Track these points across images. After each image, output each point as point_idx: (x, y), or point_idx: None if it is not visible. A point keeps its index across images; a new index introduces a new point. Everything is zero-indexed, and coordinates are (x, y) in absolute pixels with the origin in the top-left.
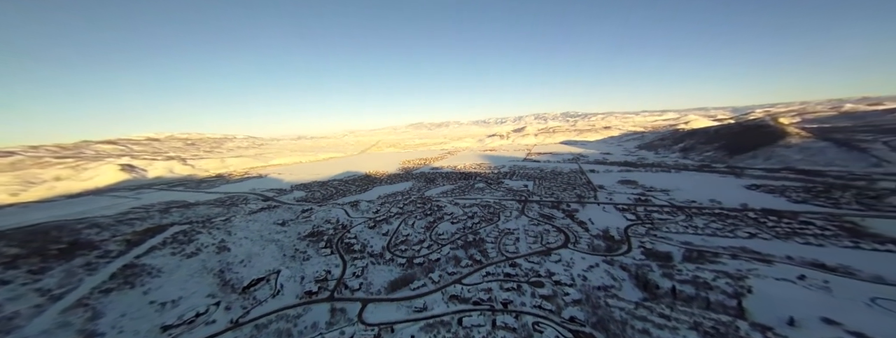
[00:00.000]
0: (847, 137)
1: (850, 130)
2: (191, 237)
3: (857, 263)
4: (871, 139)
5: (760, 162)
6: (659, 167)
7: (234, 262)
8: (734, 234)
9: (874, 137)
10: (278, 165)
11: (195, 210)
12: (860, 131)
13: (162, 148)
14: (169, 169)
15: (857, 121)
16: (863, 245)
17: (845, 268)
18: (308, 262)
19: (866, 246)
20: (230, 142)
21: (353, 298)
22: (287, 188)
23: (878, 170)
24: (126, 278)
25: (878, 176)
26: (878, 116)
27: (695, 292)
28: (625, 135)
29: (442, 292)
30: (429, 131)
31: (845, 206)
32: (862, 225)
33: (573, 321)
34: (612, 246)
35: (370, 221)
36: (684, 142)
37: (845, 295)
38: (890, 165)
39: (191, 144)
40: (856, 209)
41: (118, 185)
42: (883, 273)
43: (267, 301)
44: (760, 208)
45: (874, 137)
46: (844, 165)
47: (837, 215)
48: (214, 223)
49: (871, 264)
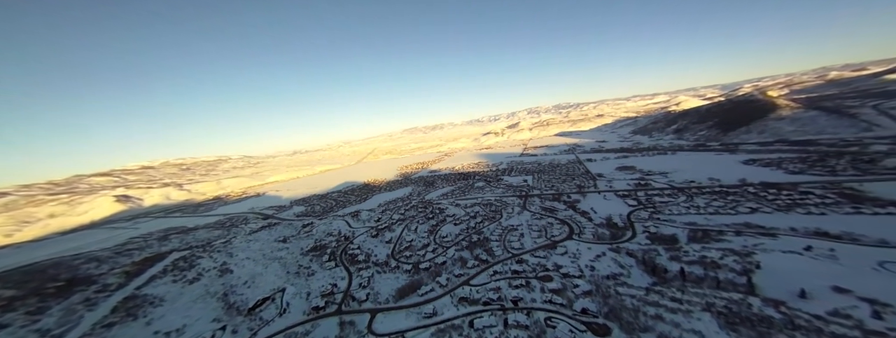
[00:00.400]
0: (835, 104)
1: (838, 97)
2: (191, 263)
3: (861, 228)
4: (859, 104)
5: (754, 136)
6: (655, 150)
7: (238, 283)
8: (736, 210)
9: (861, 102)
10: (275, 182)
11: (194, 235)
12: (847, 98)
13: (157, 175)
14: (165, 196)
15: (844, 87)
16: (864, 210)
17: (849, 235)
18: (313, 277)
19: (867, 211)
20: (225, 163)
21: (361, 309)
22: (286, 204)
23: (869, 134)
24: (128, 310)
25: (870, 140)
26: (863, 81)
27: (703, 272)
28: (618, 121)
29: (451, 296)
30: (424, 135)
31: (842, 172)
32: (860, 190)
33: (585, 313)
34: (617, 233)
35: (372, 230)
36: (677, 123)
37: (852, 262)
38: (880, 129)
39: (186, 168)
40: (852, 175)
41: (114, 216)
42: (887, 236)
43: (274, 321)
44: (759, 183)
45: (861, 103)
46: (836, 133)
47: (835, 183)
48: (215, 246)
49: (875, 229)
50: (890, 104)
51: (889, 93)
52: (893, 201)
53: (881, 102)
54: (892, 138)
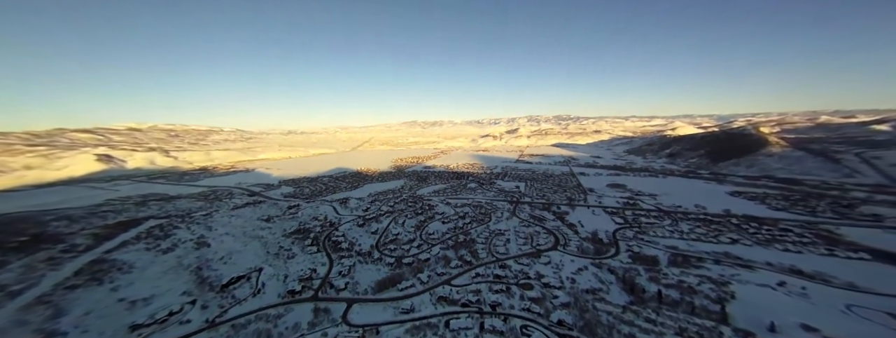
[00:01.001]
0: (822, 147)
1: (825, 141)
2: (168, 232)
3: (833, 270)
4: (844, 150)
5: (743, 169)
6: (647, 172)
7: (214, 259)
8: (718, 239)
9: (847, 148)
10: (266, 160)
11: (175, 204)
12: (834, 143)
13: (143, 139)
14: (150, 160)
15: (832, 133)
16: (837, 253)
17: (821, 275)
18: (292, 260)
19: (841, 254)
20: (216, 134)
21: (338, 298)
22: (274, 183)
23: (850, 180)
24: (93, 274)
25: (851, 186)
26: (851, 129)
27: (680, 296)
28: (614, 139)
29: (430, 293)
30: (422, 130)
31: (821, 214)
32: (836, 233)
33: (561, 325)
34: (601, 249)
35: (359, 219)
36: (671, 148)
37: (822, 302)
38: (861, 176)
39: (174, 135)
40: (831, 218)
41: (94, 175)
42: (856, 281)
43: (246, 300)
44: (742, 215)
45: (847, 149)
46: (820, 175)
47: (814, 223)
48: (194, 218)
49: (846, 272)
50: (873, 153)
51: (873, 142)
52: (866, 247)
53: (865, 150)
54: (872, 186)
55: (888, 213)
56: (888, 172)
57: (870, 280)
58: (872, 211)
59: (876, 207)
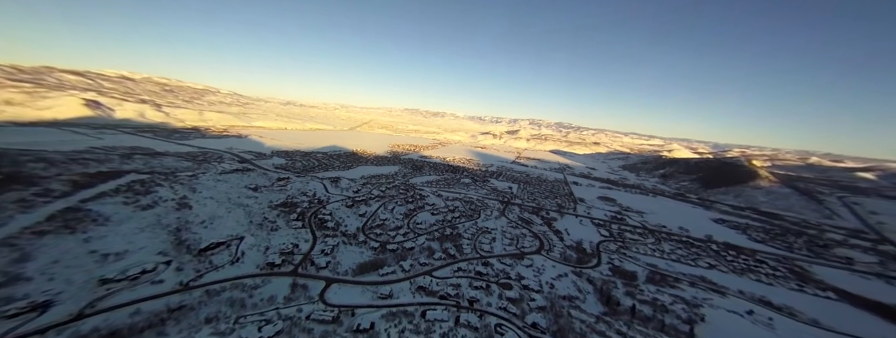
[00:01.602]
0: (809, 187)
1: (812, 182)
2: (149, 188)
3: (800, 305)
4: (828, 193)
5: (730, 198)
6: (638, 189)
7: (194, 221)
8: (696, 263)
9: (831, 191)
10: (261, 128)
11: (161, 160)
12: (820, 184)
13: (135, 89)
14: (140, 113)
15: (819, 174)
16: (806, 289)
17: (789, 308)
18: (276, 232)
19: (809, 290)
20: (212, 95)
21: (317, 275)
22: (267, 153)
23: (829, 221)
24: (66, 221)
25: (829, 227)
26: (837, 173)
27: (652, 313)
28: (611, 153)
29: (410, 282)
30: (423, 119)
31: (797, 250)
32: (808, 270)
33: (535, 328)
34: (583, 258)
35: (349, 200)
36: (665, 169)
37: (786, 334)
38: (840, 219)
39: (168, 90)
40: (805, 255)
41: (78, 120)
42: (820, 318)
43: (224, 267)
44: (723, 242)
45: (831, 192)
46: (801, 213)
47: (789, 259)
48: (179, 178)
49: (811, 308)
50: (854, 199)
51: (856, 188)
52: (833, 287)
53: (847, 195)
54: (848, 230)
55: (860, 257)
56: (866, 219)
57: (832, 319)
58: (845, 254)
59: (849, 250)
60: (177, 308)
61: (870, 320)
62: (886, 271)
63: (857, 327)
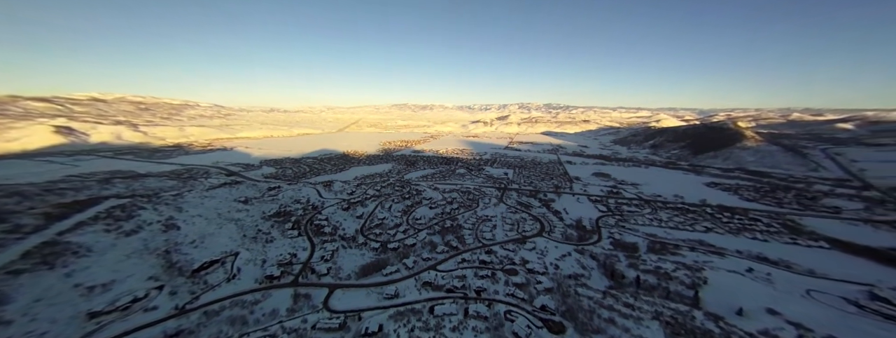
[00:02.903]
0: (793, 143)
1: (795, 137)
2: (131, 213)
3: (795, 257)
4: (812, 146)
5: (719, 162)
6: (630, 162)
7: (184, 242)
8: (693, 228)
9: (814, 144)
10: (246, 139)
11: (144, 182)
12: (803, 139)
13: (109, 111)
14: (116, 135)
15: (801, 129)
16: (799, 242)
17: (785, 262)
18: (271, 244)
19: (802, 243)
20: (192, 109)
21: (319, 283)
22: (255, 163)
23: (814, 174)
24: (44, 257)
25: (815, 179)
26: (818, 126)
27: (657, 281)
28: (602, 129)
29: (415, 279)
30: (412, 113)
31: (787, 205)
32: (800, 223)
33: (544, 310)
34: (584, 236)
35: (344, 203)
36: (654, 139)
37: (785, 287)
38: (825, 171)
39: (144, 108)
40: (795, 209)
41: (51, 149)
42: (815, 267)
43: (220, 286)
44: (717, 205)
45: (814, 145)
46: (788, 169)
47: (780, 214)
48: (162, 198)
49: (806, 259)
50: (836, 150)
51: (837, 139)
52: (825, 237)
53: (830, 146)
54: (834, 180)
55: (846, 205)
56: (849, 168)
57: (827, 267)
58: (833, 203)
59: (836, 199)
60: (175, 334)
61: (862, 265)
62: (872, 216)
63: (850, 272)
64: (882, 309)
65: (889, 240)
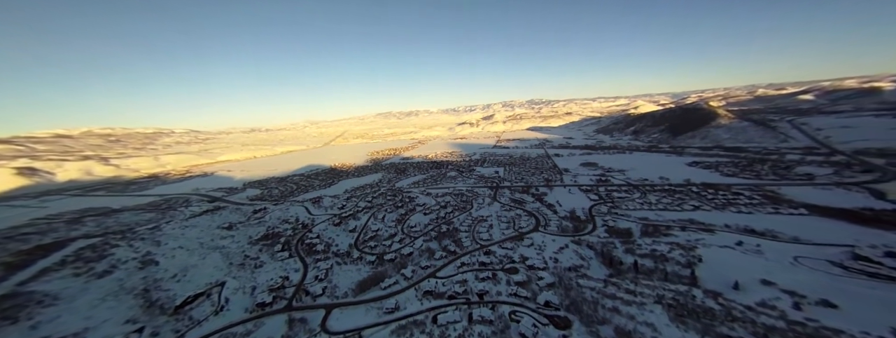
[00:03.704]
0: (761, 117)
1: (763, 112)
2: (102, 253)
3: (779, 226)
4: (779, 119)
5: (698, 141)
6: (615, 149)
7: (164, 277)
8: (682, 207)
9: (780, 117)
10: (228, 162)
11: (118, 218)
12: (770, 112)
13: (75, 146)
14: (85, 171)
15: (767, 103)
16: (781, 210)
17: (771, 232)
18: (260, 269)
19: (784, 211)
20: (166, 137)
21: (314, 305)
22: (238, 186)
23: (785, 145)
24: (4, 312)
25: (786, 150)
26: (782, 100)
27: (654, 264)
28: (584, 120)
29: (415, 289)
30: (398, 120)
31: (765, 177)
32: (778, 193)
33: (548, 306)
34: (579, 226)
35: (335, 218)
36: (635, 125)
37: (774, 257)
38: (794, 140)
39: (114, 140)
40: (773, 180)
41: (14, 192)
42: (799, 234)
43: (207, 320)
44: (701, 183)
45: (780, 117)
46: (761, 142)
47: (760, 186)
48: (138, 233)
49: (789, 227)
50: (801, 120)
51: (801, 110)
52: (803, 204)
53: (795, 117)
54: (803, 149)
55: (817, 172)
56: (814, 136)
57: (809, 232)
58: (805, 171)
59: (808, 167)
60: None
61: (839, 227)
62: (842, 179)
63: (831, 235)
64: (865, 268)
65: (860, 200)
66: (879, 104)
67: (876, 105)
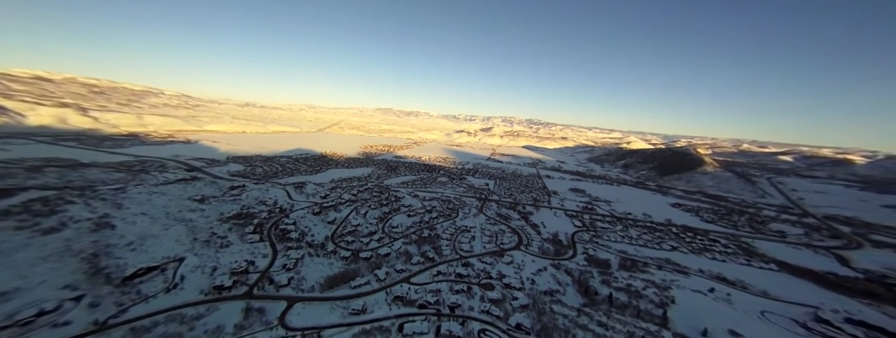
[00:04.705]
0: (744, 171)
1: (746, 166)
2: (54, 207)
3: (750, 278)
4: (759, 175)
5: (683, 184)
6: (604, 180)
7: (118, 244)
8: (660, 246)
9: (761, 173)
10: (214, 132)
11: (83, 172)
12: (752, 167)
13: (55, 91)
14: (60, 118)
15: (750, 159)
16: (753, 263)
17: (741, 282)
18: (226, 249)
19: (755, 264)
20: (154, 97)
21: (277, 295)
22: (221, 159)
23: (762, 200)
24: None
25: (763, 205)
26: (764, 157)
27: (628, 299)
28: (578, 147)
29: (386, 292)
30: (397, 118)
31: (741, 228)
32: (752, 245)
33: (519, 329)
34: (560, 250)
35: (315, 207)
36: (626, 159)
37: (743, 308)
38: (770, 197)
39: (98, 92)
40: (748, 231)
41: None
42: (768, 288)
43: (156, 297)
44: (681, 225)
45: (761, 174)
46: (741, 194)
47: (736, 236)
48: (100, 192)
49: (760, 280)
50: (779, 179)
51: (779, 170)
52: (774, 259)
53: (773, 176)
54: (778, 207)
55: (790, 230)
56: (790, 196)
57: (777, 288)
58: (779, 228)
59: (781, 224)
60: None
61: (806, 287)
62: (812, 241)
63: (797, 294)
64: (826, 332)
65: (827, 264)
66: (850, 175)
67: (847, 176)
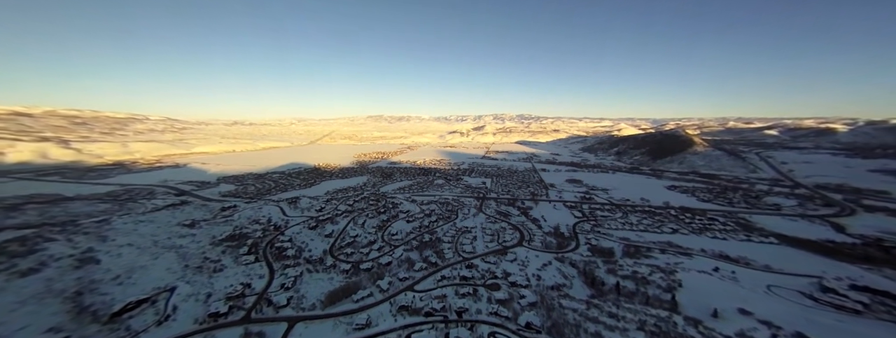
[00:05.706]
0: (733, 148)
1: (734, 143)
2: (33, 247)
3: (752, 254)
4: (748, 151)
5: (675, 166)
6: (599, 168)
7: (104, 279)
8: (661, 230)
9: (749, 149)
10: (204, 154)
11: (67, 207)
12: (740, 144)
13: (34, 126)
14: (40, 153)
15: (737, 136)
16: (753, 238)
17: (744, 259)
18: (220, 274)
19: (755, 239)
20: (139, 123)
21: (276, 317)
22: (212, 181)
23: (754, 175)
24: None
25: (755, 180)
26: (750, 133)
27: (635, 287)
28: (571, 138)
29: (390, 303)
30: (389, 124)
31: (737, 205)
32: (750, 221)
33: (529, 328)
34: (563, 243)
35: (311, 221)
36: (618, 147)
37: (749, 284)
38: (761, 172)
39: (80, 123)
40: (744, 208)
41: None
42: (770, 263)
43: (147, 331)
44: (679, 207)
45: (749, 149)
46: (732, 171)
47: (733, 213)
48: (82, 226)
49: (761, 255)
50: (767, 153)
51: (766, 144)
52: (773, 233)
53: (762, 150)
54: (770, 180)
55: (784, 203)
56: (780, 168)
57: (780, 261)
58: (773, 201)
59: (775, 198)
60: None
61: (806, 257)
62: (807, 211)
63: (799, 265)
64: (833, 301)
65: (823, 232)
66: (834, 144)
67: (831, 144)
